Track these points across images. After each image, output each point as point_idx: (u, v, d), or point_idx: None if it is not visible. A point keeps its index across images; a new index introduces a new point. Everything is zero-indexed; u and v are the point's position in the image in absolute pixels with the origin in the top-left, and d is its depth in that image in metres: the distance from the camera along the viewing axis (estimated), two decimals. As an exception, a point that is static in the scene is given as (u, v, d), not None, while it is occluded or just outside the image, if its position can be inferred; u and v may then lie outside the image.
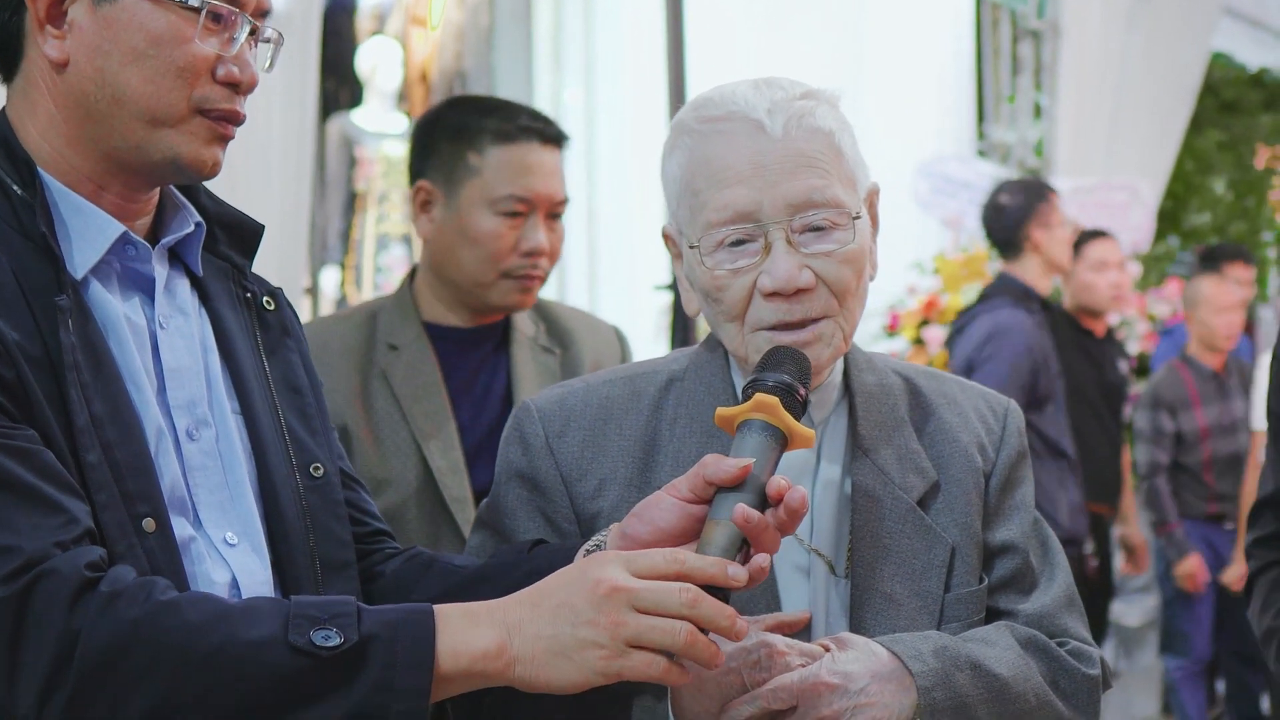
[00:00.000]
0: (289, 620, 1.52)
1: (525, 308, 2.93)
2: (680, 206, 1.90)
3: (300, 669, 1.50)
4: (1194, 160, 11.39)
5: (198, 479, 1.70)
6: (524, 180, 2.86)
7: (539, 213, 2.87)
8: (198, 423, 1.71)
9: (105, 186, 1.69)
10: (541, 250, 2.87)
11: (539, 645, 1.54)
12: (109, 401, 1.61)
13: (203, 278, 1.78)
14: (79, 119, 1.66)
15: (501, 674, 1.56)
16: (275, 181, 4.35)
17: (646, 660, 1.54)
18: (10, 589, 1.48)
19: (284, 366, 1.83)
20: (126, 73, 1.65)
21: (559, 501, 1.90)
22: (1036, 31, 8.66)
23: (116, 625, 1.49)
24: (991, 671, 1.82)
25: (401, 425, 2.82)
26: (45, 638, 1.48)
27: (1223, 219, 11.58)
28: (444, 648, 1.54)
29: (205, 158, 1.70)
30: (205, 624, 1.51)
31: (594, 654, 1.53)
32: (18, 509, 1.51)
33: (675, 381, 1.96)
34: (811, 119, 1.85)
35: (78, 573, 1.50)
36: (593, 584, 1.54)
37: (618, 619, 1.53)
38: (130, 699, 1.49)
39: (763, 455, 1.68)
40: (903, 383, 1.99)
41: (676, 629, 1.53)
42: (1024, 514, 1.98)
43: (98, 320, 1.65)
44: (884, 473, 1.91)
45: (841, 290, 1.85)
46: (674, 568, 1.56)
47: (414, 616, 1.55)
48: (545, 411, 1.95)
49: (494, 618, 1.57)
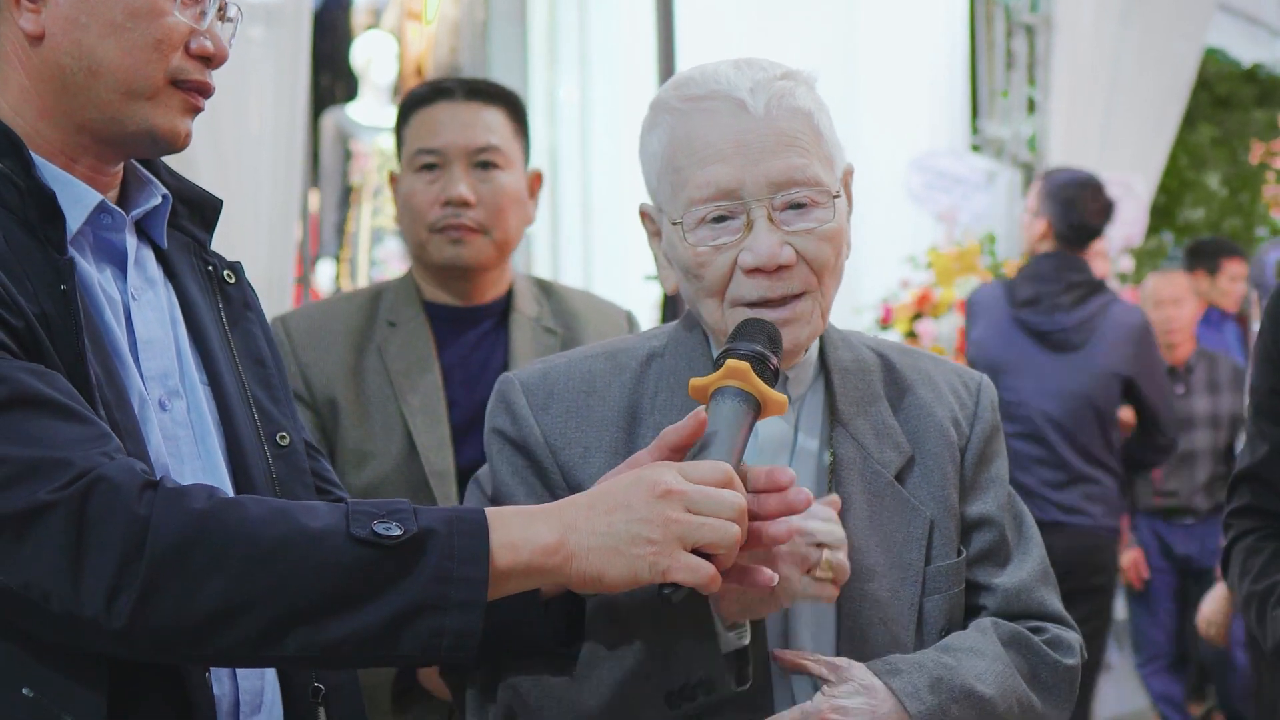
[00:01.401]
0: (349, 515, 1.55)
1: (467, 262, 2.90)
2: (661, 183, 1.93)
3: (363, 560, 1.53)
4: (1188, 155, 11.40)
5: (170, 448, 1.71)
6: (433, 133, 2.89)
7: (458, 164, 2.88)
8: (169, 394, 1.73)
9: (77, 159, 1.71)
10: (460, 199, 2.87)
11: (594, 541, 1.60)
12: (103, 365, 1.63)
13: (167, 251, 1.80)
14: (54, 91, 1.68)
15: (559, 569, 1.60)
16: (266, 174, 4.37)
17: (694, 564, 1.60)
18: (66, 494, 1.49)
19: (247, 338, 1.85)
20: (104, 45, 1.66)
21: (548, 466, 1.93)
22: (1030, 26, 8.67)
23: (186, 516, 1.50)
24: (981, 696, 1.87)
25: (391, 400, 2.84)
26: (111, 536, 1.49)
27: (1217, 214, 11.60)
28: (501, 542, 1.58)
29: (179, 129, 1.72)
30: (269, 518, 1.53)
31: (646, 549, 1.59)
32: (55, 423, 1.52)
33: (655, 357, 1.99)
34: (792, 99, 1.88)
35: (134, 474, 1.52)
36: (650, 485, 1.61)
37: (672, 516, 1.60)
38: (199, 594, 1.50)
39: (736, 419, 1.72)
40: (878, 359, 2.02)
41: (728, 528, 1.61)
42: (999, 488, 2.02)
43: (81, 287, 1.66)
44: (862, 447, 1.94)
45: (821, 267, 1.88)
46: (724, 475, 1.64)
47: (467, 514, 1.59)
48: (529, 385, 1.97)
49: (551, 516, 1.62)
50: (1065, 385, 5.14)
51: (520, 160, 2.95)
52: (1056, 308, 5.24)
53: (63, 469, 1.50)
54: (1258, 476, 2.39)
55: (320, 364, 2.86)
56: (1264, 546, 2.38)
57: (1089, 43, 8.11)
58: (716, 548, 1.61)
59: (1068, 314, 5.24)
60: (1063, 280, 5.27)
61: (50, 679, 1.54)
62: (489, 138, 2.89)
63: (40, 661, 1.54)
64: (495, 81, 3.09)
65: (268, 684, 1.76)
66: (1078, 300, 5.27)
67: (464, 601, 1.55)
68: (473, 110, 2.90)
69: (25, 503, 1.48)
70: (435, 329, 2.92)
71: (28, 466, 1.49)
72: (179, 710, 1.63)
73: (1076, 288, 5.29)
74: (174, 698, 1.63)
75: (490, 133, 2.90)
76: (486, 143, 2.89)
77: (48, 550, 1.49)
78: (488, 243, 2.88)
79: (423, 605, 1.54)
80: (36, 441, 1.50)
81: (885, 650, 1.89)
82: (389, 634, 1.54)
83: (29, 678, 1.54)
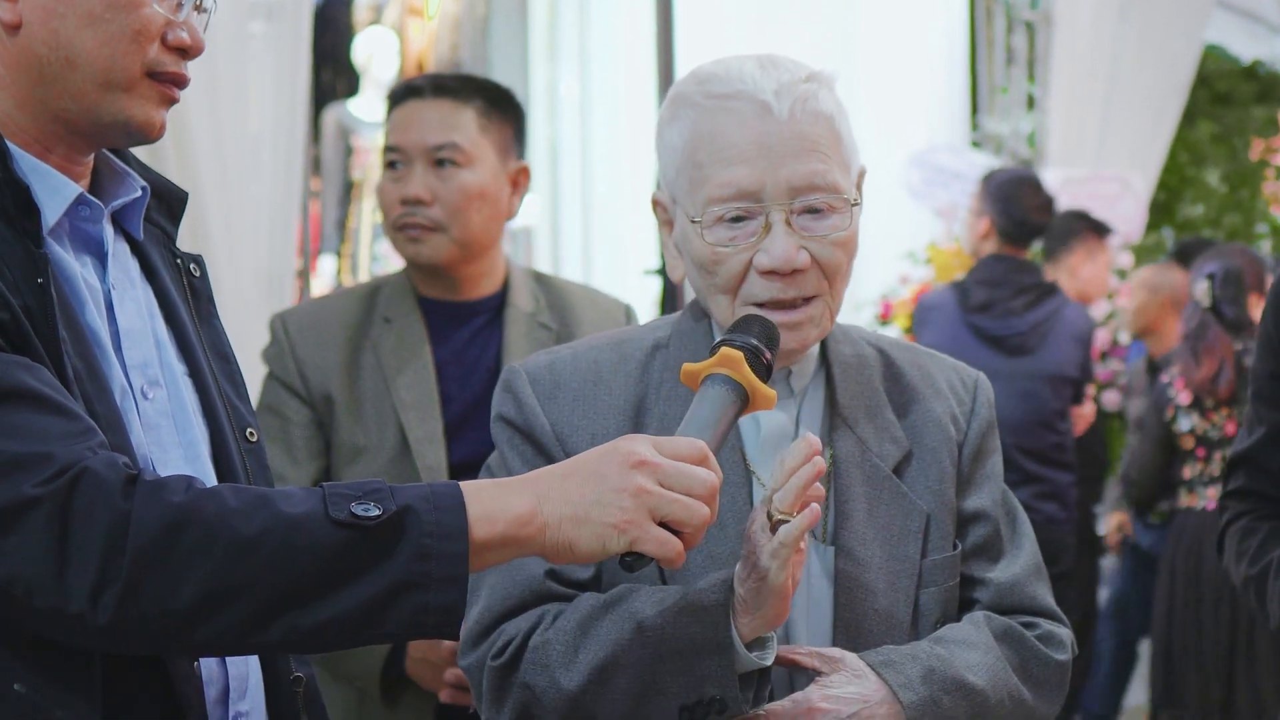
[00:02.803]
0: (326, 499, 1.54)
1: (425, 260, 2.89)
2: (680, 177, 1.94)
3: (344, 542, 1.52)
4: (1187, 152, 11.42)
5: (152, 438, 1.70)
6: (398, 131, 2.91)
7: (418, 161, 2.88)
8: (149, 383, 1.73)
9: (51, 149, 1.69)
10: (415, 197, 2.87)
11: (566, 510, 1.60)
12: (83, 357, 1.62)
13: (142, 243, 1.79)
14: (29, 81, 1.66)
15: (533, 539, 1.60)
16: (267, 169, 4.37)
17: (663, 537, 1.61)
18: (49, 489, 1.48)
19: (213, 333, 1.84)
20: (82, 36, 1.65)
21: (556, 455, 1.93)
22: (1030, 23, 8.69)
23: (166, 509, 1.50)
24: (973, 687, 1.88)
25: (384, 395, 2.84)
26: (94, 530, 1.48)
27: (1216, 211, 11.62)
28: (477, 514, 1.58)
29: (154, 120, 1.70)
30: (248, 507, 1.52)
31: (617, 517, 1.59)
32: (40, 417, 1.51)
33: (660, 348, 2.01)
34: (815, 102, 1.90)
35: (117, 468, 1.51)
36: (624, 455, 1.61)
37: (645, 486, 1.60)
38: (183, 586, 1.49)
39: (720, 407, 1.74)
40: (877, 354, 2.04)
41: (697, 507, 1.61)
42: (994, 483, 2.04)
43: (61, 279, 1.65)
44: (861, 441, 1.96)
45: (833, 272, 1.91)
46: (699, 452, 1.65)
47: (442, 489, 1.59)
48: (534, 375, 1.99)
49: (524, 487, 1.62)
50: (1017, 389, 5.17)
51: (492, 156, 2.92)
52: (1009, 312, 5.30)
53: (47, 463, 1.49)
54: (1254, 460, 2.44)
55: (316, 360, 2.87)
56: (1259, 528, 2.43)
57: (1088, 39, 8.12)
58: (684, 525, 1.61)
59: (1020, 318, 5.30)
60: (1014, 284, 5.33)
61: (41, 674, 1.53)
62: (449, 135, 2.88)
63: (31, 657, 1.53)
64: (479, 77, 3.09)
65: (252, 669, 1.76)
66: (1030, 304, 5.33)
67: (446, 577, 1.54)
68: (438, 107, 2.90)
69: (9, 497, 1.47)
70: (429, 324, 2.92)
71: (11, 461, 1.48)
72: (168, 701, 1.63)
73: (1028, 291, 5.35)
74: (162, 689, 1.62)
75: (452, 130, 2.88)
76: (444, 140, 2.88)
77: (32, 545, 1.47)
78: (446, 240, 2.87)
79: (405, 583, 1.53)
80: (20, 435, 1.49)
81: (881, 641, 1.91)
82: (374, 614, 1.54)
83: (20, 674, 1.53)
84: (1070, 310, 5.40)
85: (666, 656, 1.81)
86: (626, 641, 1.83)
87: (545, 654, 1.87)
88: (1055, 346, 5.30)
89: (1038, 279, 5.42)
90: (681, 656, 1.81)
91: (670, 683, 1.82)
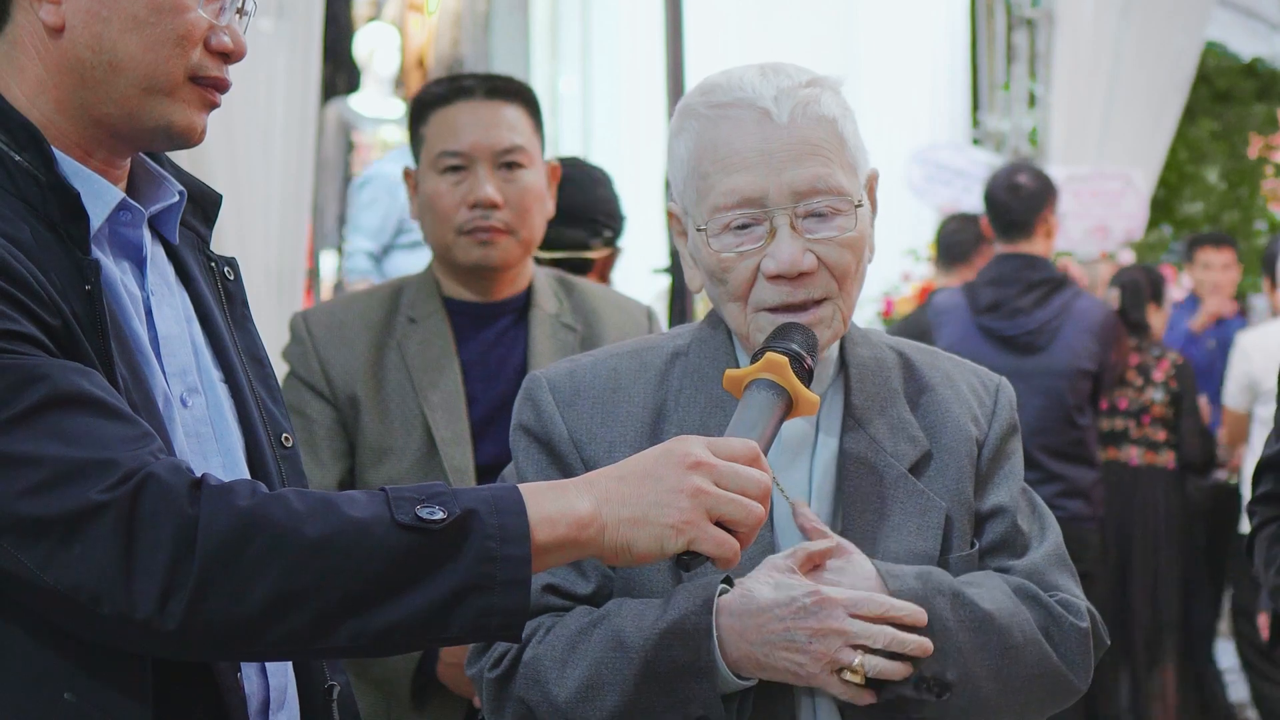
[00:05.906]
0: (390, 502, 1.54)
1: (495, 264, 2.89)
2: (687, 188, 1.96)
3: (410, 546, 1.52)
4: (1187, 149, 11.44)
5: (193, 446, 1.70)
6: (456, 135, 2.88)
7: (483, 164, 2.87)
8: (189, 390, 1.72)
9: (91, 153, 1.68)
10: (488, 201, 2.86)
11: (625, 512, 1.61)
12: (128, 365, 1.61)
13: (178, 247, 1.79)
14: (72, 84, 1.65)
15: (592, 541, 1.61)
16: (278, 166, 4.37)
17: (720, 537, 1.62)
18: (115, 495, 1.46)
19: (248, 338, 1.84)
20: (126, 39, 1.64)
21: (572, 462, 1.95)
22: (1031, 20, 8.71)
23: (233, 513, 1.49)
24: (974, 603, 1.88)
25: (411, 396, 2.84)
26: (162, 535, 1.47)
27: (1216, 208, 11.64)
28: (538, 516, 1.58)
29: (196, 125, 1.70)
30: (313, 511, 1.52)
31: (675, 518, 1.60)
32: (100, 422, 1.50)
33: (680, 355, 2.02)
34: (816, 106, 1.91)
35: (181, 473, 1.50)
36: (680, 456, 1.62)
37: (701, 487, 1.61)
38: (251, 591, 1.48)
39: (767, 411, 1.77)
40: (897, 357, 2.05)
41: (752, 506, 1.63)
42: (1013, 481, 2.04)
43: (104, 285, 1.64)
44: (875, 441, 1.97)
45: (842, 273, 1.92)
46: (751, 453, 1.67)
47: (503, 491, 1.59)
48: (555, 382, 2.00)
49: (583, 489, 1.63)
50: (1032, 387, 5.14)
51: (540, 156, 2.95)
52: (1017, 311, 5.27)
53: (111, 469, 1.47)
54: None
55: (341, 360, 2.86)
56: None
57: (1089, 37, 8.14)
58: (740, 525, 1.63)
59: (1029, 316, 5.27)
60: (1022, 281, 5.30)
61: (92, 683, 1.53)
62: (513, 138, 2.89)
63: (82, 665, 1.52)
64: (509, 76, 3.08)
65: (289, 681, 1.75)
66: (1039, 301, 5.29)
67: (510, 580, 1.55)
68: (494, 109, 2.90)
69: (74, 504, 1.46)
70: (455, 325, 2.92)
71: (74, 467, 1.47)
72: (214, 711, 1.62)
73: (1037, 287, 5.31)
74: (209, 699, 1.62)
75: (514, 132, 2.89)
76: (511, 143, 2.88)
77: (98, 552, 1.46)
78: (514, 243, 2.88)
79: (470, 586, 1.53)
80: (82, 441, 1.48)
81: None
82: (439, 617, 1.54)
83: (70, 682, 1.52)
84: (1082, 302, 5.37)
85: (651, 678, 1.83)
86: (611, 661, 1.85)
87: (537, 669, 1.89)
88: (1068, 341, 5.27)
89: (1047, 274, 5.38)
90: (666, 679, 1.83)
91: (656, 703, 1.84)
